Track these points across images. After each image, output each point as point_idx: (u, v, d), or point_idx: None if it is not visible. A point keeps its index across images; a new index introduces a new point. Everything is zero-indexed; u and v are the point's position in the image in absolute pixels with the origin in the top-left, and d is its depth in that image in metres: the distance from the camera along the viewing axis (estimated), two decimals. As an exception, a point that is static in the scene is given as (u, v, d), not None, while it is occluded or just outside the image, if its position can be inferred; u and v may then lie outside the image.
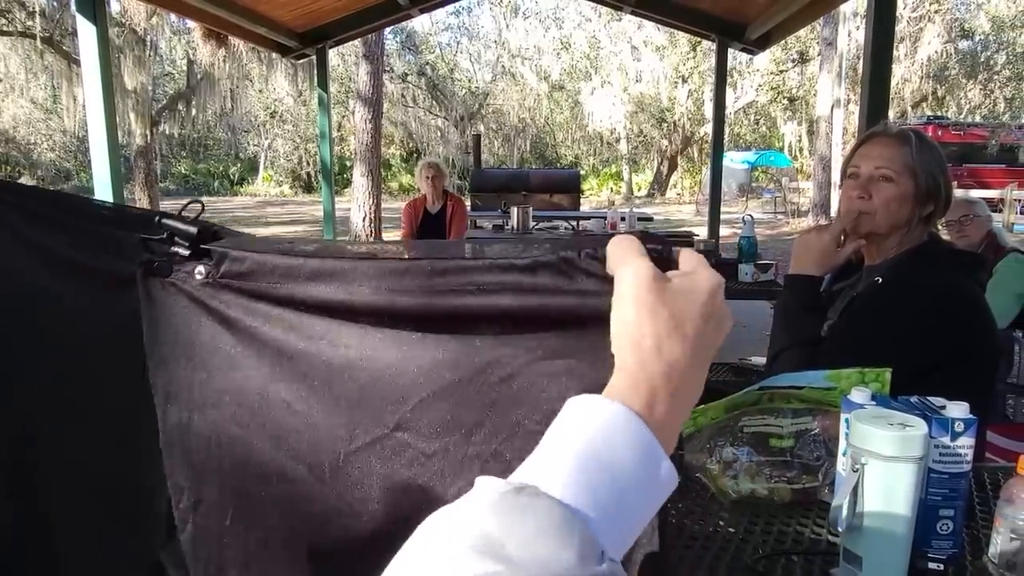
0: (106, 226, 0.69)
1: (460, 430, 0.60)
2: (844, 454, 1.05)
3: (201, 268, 0.66)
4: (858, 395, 1.05)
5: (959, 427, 0.98)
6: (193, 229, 0.66)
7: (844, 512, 0.93)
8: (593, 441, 0.42)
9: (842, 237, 1.63)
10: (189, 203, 0.68)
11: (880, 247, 1.61)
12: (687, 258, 0.53)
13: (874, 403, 1.03)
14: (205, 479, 0.67)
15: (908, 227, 1.56)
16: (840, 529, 0.94)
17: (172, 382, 0.67)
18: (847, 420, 1.02)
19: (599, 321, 0.51)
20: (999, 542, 0.98)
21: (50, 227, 0.69)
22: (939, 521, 1.00)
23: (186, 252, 0.66)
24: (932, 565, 0.99)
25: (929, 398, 1.06)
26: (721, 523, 1.13)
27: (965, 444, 0.99)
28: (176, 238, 0.66)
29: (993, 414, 2.61)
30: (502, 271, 0.58)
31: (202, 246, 0.66)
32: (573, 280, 0.55)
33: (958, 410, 1.00)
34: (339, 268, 0.62)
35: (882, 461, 0.89)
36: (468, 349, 0.59)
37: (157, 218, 0.66)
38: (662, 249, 0.52)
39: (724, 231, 8.12)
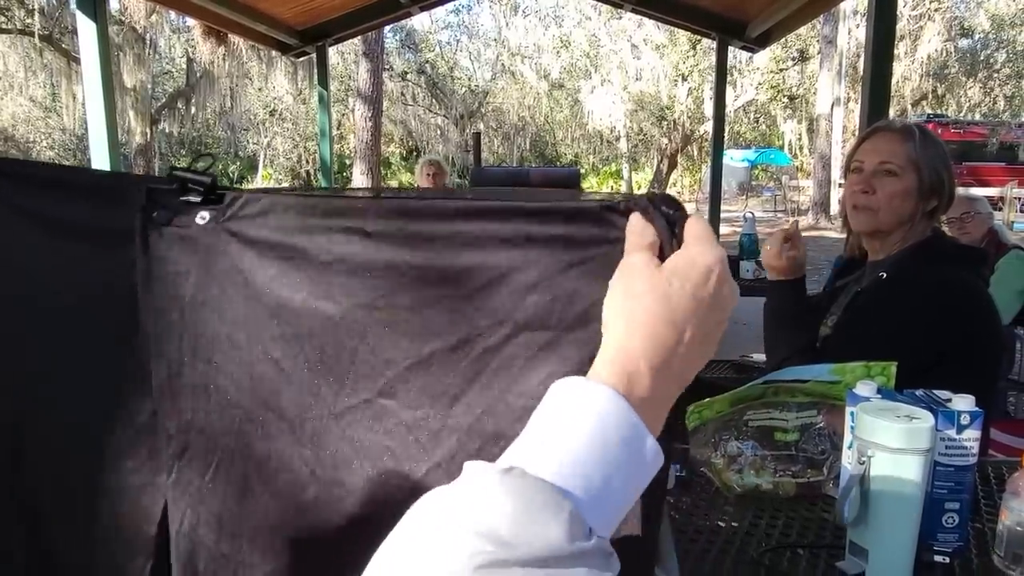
0: (110, 182, 0.69)
1: (442, 401, 0.58)
2: (850, 447, 1.04)
3: (205, 213, 0.64)
4: (864, 388, 1.05)
5: (965, 420, 0.98)
6: (207, 178, 0.64)
7: (850, 504, 0.93)
8: (577, 422, 0.44)
9: (785, 242, 1.67)
10: (201, 155, 0.67)
11: (884, 243, 1.61)
12: (691, 229, 0.52)
13: (879, 396, 1.03)
14: (191, 429, 0.66)
15: (912, 222, 1.56)
16: (846, 521, 0.94)
17: (164, 331, 0.66)
18: (852, 413, 1.02)
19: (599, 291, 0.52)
20: (1005, 535, 0.98)
21: (46, 190, 0.68)
22: (945, 514, 1.00)
23: (198, 199, 0.64)
24: (938, 558, 0.99)
25: (935, 391, 1.06)
26: (726, 517, 1.13)
27: (971, 437, 0.98)
28: (189, 185, 0.64)
29: (994, 411, 2.61)
30: (540, 218, 0.56)
31: (217, 191, 0.64)
32: (607, 233, 0.55)
33: (964, 403, 1.00)
34: (359, 204, 0.60)
35: (889, 453, 0.89)
36: (461, 314, 0.58)
37: (169, 170, 0.65)
38: (673, 214, 0.52)
39: (724, 229, 8.13)
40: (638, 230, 0.52)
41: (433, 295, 0.58)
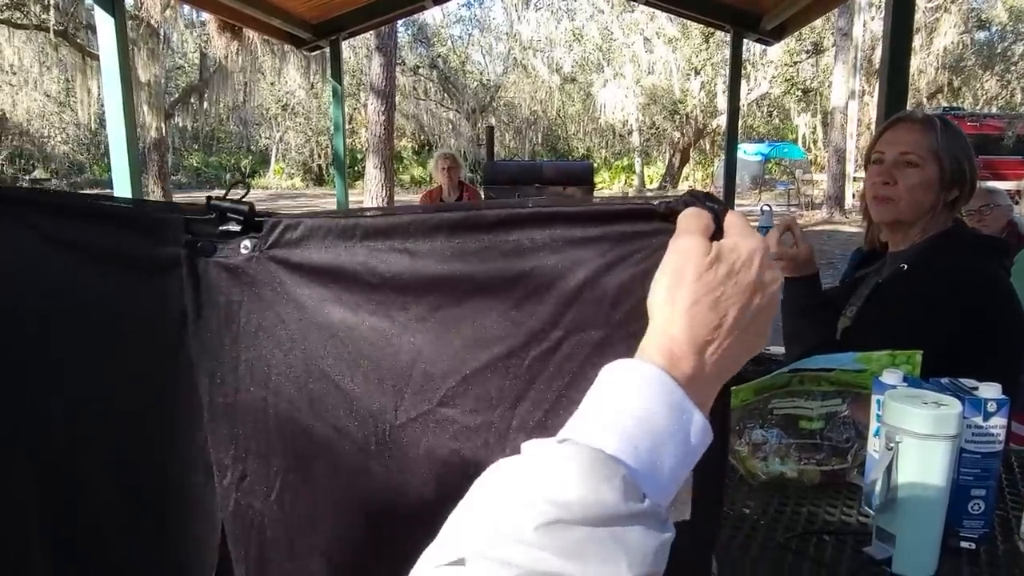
0: (146, 212, 0.68)
1: (504, 404, 0.60)
2: (876, 435, 1.05)
3: (247, 242, 0.65)
4: (890, 376, 1.05)
5: (992, 407, 0.99)
6: (244, 206, 0.65)
7: (878, 490, 0.93)
8: (626, 399, 0.46)
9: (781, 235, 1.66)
10: (234, 184, 0.67)
11: (905, 234, 1.60)
12: (731, 221, 0.54)
13: (906, 384, 1.03)
14: (249, 455, 0.67)
15: (933, 213, 1.55)
16: (874, 507, 0.95)
17: (216, 361, 0.66)
18: (879, 401, 1.03)
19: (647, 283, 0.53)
20: (1031, 522, 0.98)
21: (84, 222, 0.68)
22: (971, 501, 1.00)
23: (237, 228, 0.65)
24: (964, 544, 1.00)
25: (961, 380, 1.06)
26: (751, 504, 1.14)
27: (997, 424, 0.99)
28: (228, 214, 0.65)
29: (1016, 402, 2.59)
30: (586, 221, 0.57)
31: (256, 218, 0.65)
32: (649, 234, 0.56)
33: (991, 391, 1.00)
34: (397, 223, 0.61)
35: (917, 439, 0.90)
36: (512, 321, 0.59)
37: (207, 200, 0.66)
38: (718, 208, 0.54)
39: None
40: (692, 214, 0.54)
41: (483, 305, 0.59)
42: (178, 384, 0.67)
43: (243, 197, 0.66)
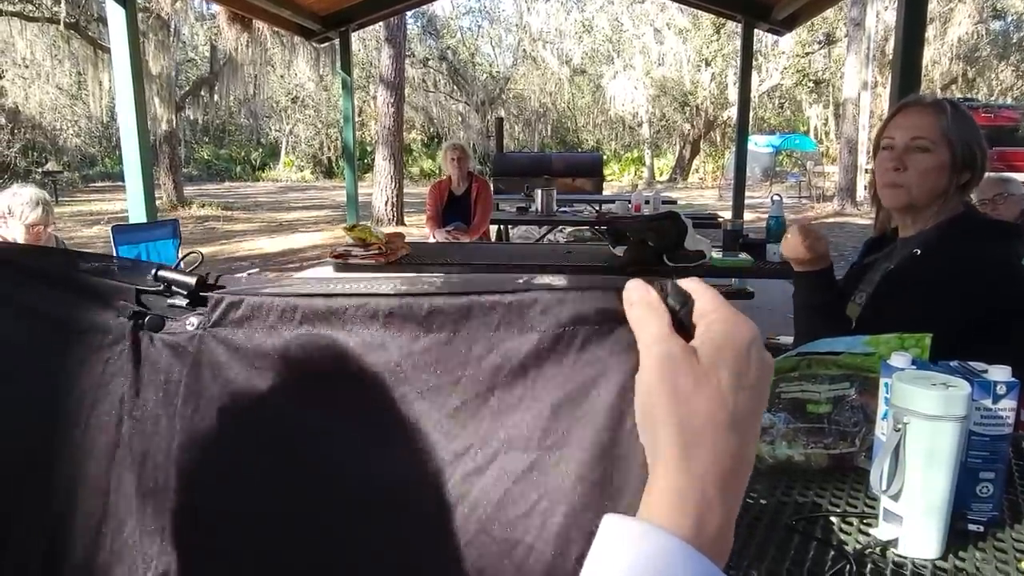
0: (99, 279, 0.65)
1: (425, 528, 0.54)
2: (884, 418, 1.05)
3: (194, 319, 0.62)
4: (898, 360, 1.05)
5: (1001, 390, 0.98)
6: (191, 279, 0.62)
7: (885, 471, 0.93)
8: None
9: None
10: (187, 255, 0.65)
11: (916, 218, 1.59)
12: (706, 300, 0.42)
13: (914, 367, 1.03)
14: (176, 549, 0.63)
15: (945, 197, 1.54)
16: (881, 489, 0.95)
17: (149, 444, 0.63)
18: (887, 384, 1.02)
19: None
20: (1041, 505, 0.98)
21: (42, 285, 0.65)
22: (979, 484, 1.00)
23: (183, 303, 0.62)
24: (972, 527, 0.99)
25: (970, 363, 1.06)
26: (758, 487, 1.14)
27: (1007, 407, 0.98)
28: (174, 287, 0.62)
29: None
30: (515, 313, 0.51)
31: (201, 293, 0.62)
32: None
33: (1000, 373, 0.99)
34: (336, 307, 0.57)
35: (925, 420, 0.90)
36: (446, 431, 0.54)
37: (153, 271, 0.63)
38: (680, 309, 0.43)
39: (748, 216, 8.06)
40: (642, 304, 0.43)
41: (416, 412, 0.54)
42: (111, 461, 0.64)
43: (196, 267, 0.64)
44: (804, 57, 21.94)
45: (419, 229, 10.07)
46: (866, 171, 15.51)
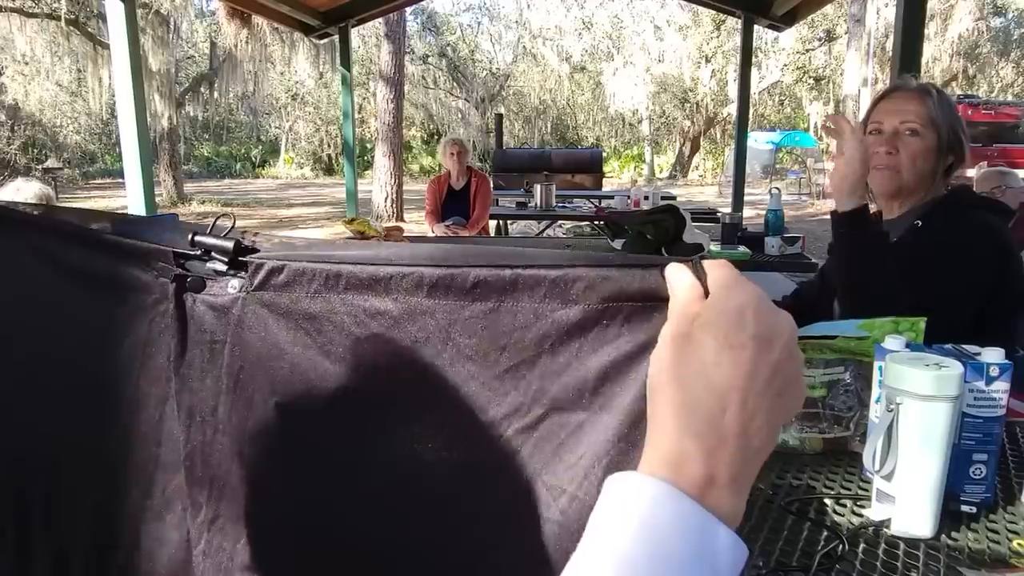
0: (140, 244, 0.67)
1: (478, 480, 0.57)
2: (877, 401, 1.06)
3: (235, 282, 0.64)
4: (892, 343, 1.05)
5: (994, 371, 0.99)
6: (228, 244, 0.64)
7: (878, 452, 0.94)
8: (633, 528, 0.38)
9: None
10: (219, 217, 0.65)
11: (903, 201, 1.64)
12: (714, 275, 0.45)
13: (908, 350, 1.03)
14: (223, 498, 0.66)
15: (933, 179, 1.59)
16: (874, 469, 0.95)
17: (197, 400, 0.66)
18: (880, 367, 1.03)
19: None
20: (1033, 485, 0.98)
21: (80, 246, 0.68)
22: (972, 465, 1.00)
23: (223, 267, 0.64)
24: (965, 508, 1.00)
25: (963, 345, 1.07)
26: (752, 470, 1.15)
27: (1000, 388, 0.99)
28: (213, 252, 0.64)
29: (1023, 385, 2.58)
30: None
31: (240, 258, 0.64)
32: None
33: (993, 355, 1.00)
34: (380, 275, 0.59)
35: (918, 400, 0.90)
36: (494, 393, 0.56)
37: (190, 236, 0.64)
38: (695, 268, 0.47)
39: (748, 212, 8.06)
40: (678, 288, 0.46)
41: (466, 373, 0.57)
42: (161, 415, 0.67)
43: (230, 230, 0.65)
44: (804, 54, 21.93)
45: (419, 226, 10.07)
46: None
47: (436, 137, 25.26)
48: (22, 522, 0.70)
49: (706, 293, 0.45)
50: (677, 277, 0.46)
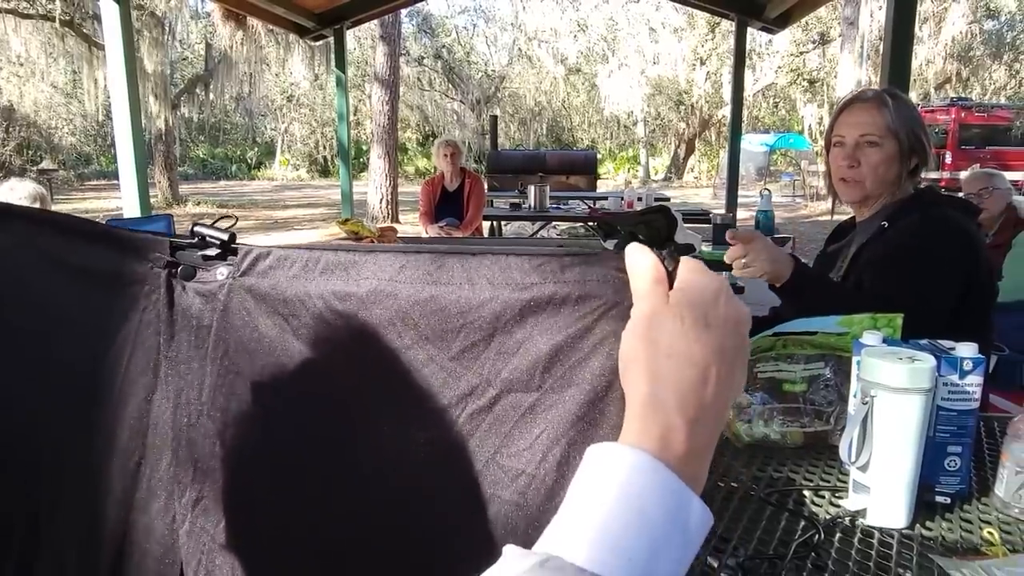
0: (134, 234, 0.69)
1: (438, 461, 0.59)
2: (855, 395, 1.08)
3: (224, 269, 0.67)
4: (870, 338, 1.08)
5: (967, 365, 1.01)
6: (224, 234, 0.67)
7: (854, 444, 0.96)
8: (614, 497, 0.40)
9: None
10: (221, 217, 0.69)
11: (872, 204, 1.70)
12: (683, 266, 0.49)
13: (885, 345, 1.06)
14: (207, 479, 0.68)
15: (897, 183, 1.65)
16: (850, 461, 0.98)
17: (183, 382, 0.68)
18: (858, 362, 1.05)
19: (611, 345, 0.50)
20: (1005, 477, 1.01)
21: (74, 239, 0.70)
22: (947, 458, 1.03)
23: (214, 253, 0.67)
24: (940, 499, 1.02)
25: (938, 341, 1.09)
26: (735, 463, 1.17)
27: (973, 382, 1.01)
28: (208, 239, 0.67)
29: (1008, 383, 2.62)
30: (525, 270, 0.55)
31: (233, 246, 0.67)
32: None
33: (967, 349, 1.02)
34: (352, 260, 0.62)
35: (891, 393, 0.93)
36: (450, 374, 0.58)
37: (190, 227, 0.68)
38: (672, 270, 0.49)
39: (742, 214, 8.09)
40: (641, 268, 0.48)
41: (425, 355, 0.59)
42: (149, 402, 0.69)
43: (231, 227, 0.68)
44: (798, 56, 22.02)
45: (413, 227, 10.08)
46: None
47: (431, 139, 25.24)
48: (16, 513, 0.71)
49: (672, 279, 0.48)
50: (639, 259, 0.49)
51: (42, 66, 17.82)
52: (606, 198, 7.10)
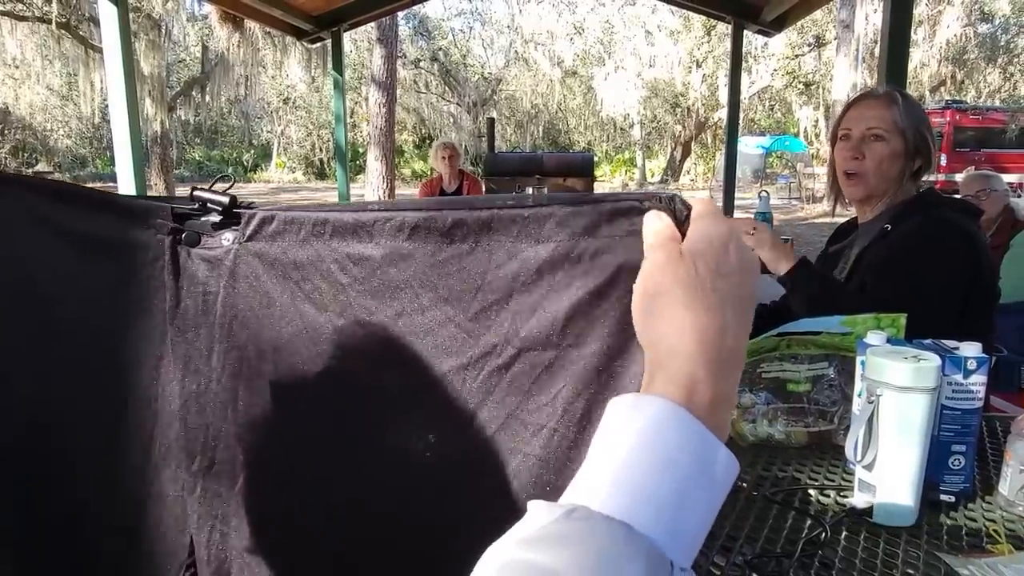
0: (136, 201, 0.70)
1: (458, 418, 0.60)
2: (859, 395, 1.08)
3: (228, 235, 0.66)
4: (874, 338, 1.08)
5: (972, 365, 1.02)
6: (225, 198, 0.66)
7: (860, 442, 0.97)
8: (640, 446, 0.39)
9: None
10: (219, 178, 0.68)
11: (874, 205, 1.70)
12: (696, 212, 0.49)
13: (889, 345, 1.06)
14: (218, 444, 0.68)
15: (900, 183, 1.64)
16: (856, 460, 0.98)
17: (191, 350, 0.68)
18: (863, 362, 1.06)
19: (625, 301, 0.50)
20: (1009, 475, 1.02)
21: (76, 207, 0.69)
22: (951, 456, 1.03)
23: (217, 219, 0.66)
24: (944, 497, 1.03)
25: (942, 341, 1.10)
26: (740, 463, 1.17)
27: (977, 382, 1.02)
28: (209, 205, 0.67)
29: (1007, 384, 2.63)
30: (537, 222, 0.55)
31: (235, 210, 0.66)
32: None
33: (971, 349, 1.03)
34: (364, 220, 0.61)
35: (897, 392, 0.93)
36: (469, 334, 0.58)
37: (190, 191, 0.67)
38: (679, 206, 0.50)
39: (738, 216, 8.12)
40: (654, 227, 0.49)
41: (442, 315, 0.59)
42: (157, 369, 0.69)
43: (227, 189, 0.67)
44: (794, 59, 22.08)
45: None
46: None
47: (428, 141, 25.23)
48: (31, 483, 0.72)
49: (683, 227, 0.48)
50: (654, 220, 0.49)
51: (38, 68, 17.78)
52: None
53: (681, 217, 0.49)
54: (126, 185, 4.66)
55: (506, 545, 0.36)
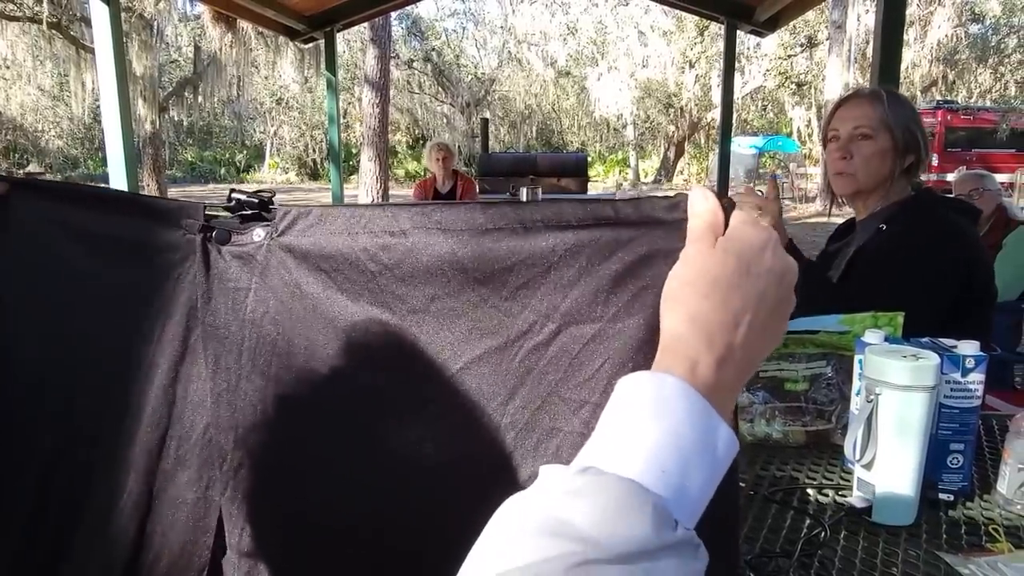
0: (166, 201, 0.69)
1: (496, 398, 0.59)
2: (857, 393, 1.08)
3: (260, 231, 0.66)
4: (872, 336, 1.08)
5: (970, 363, 1.02)
6: (266, 195, 0.66)
7: (859, 441, 0.97)
8: (646, 414, 0.42)
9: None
10: (259, 192, 0.68)
11: (867, 203, 1.70)
12: (736, 215, 0.51)
13: (887, 343, 1.06)
14: (250, 442, 0.67)
15: (891, 180, 1.64)
16: (855, 459, 0.98)
17: (222, 346, 0.67)
18: (860, 361, 1.06)
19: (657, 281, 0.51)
20: (1007, 474, 1.02)
21: (102, 210, 0.69)
22: (950, 455, 1.03)
23: (250, 212, 0.66)
24: (943, 496, 1.03)
25: (940, 339, 1.10)
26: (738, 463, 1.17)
27: (975, 380, 1.02)
28: (245, 203, 0.66)
29: (1001, 383, 2.64)
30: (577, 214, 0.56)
31: (270, 206, 0.66)
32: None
33: (969, 347, 1.03)
34: (398, 214, 0.61)
35: (896, 390, 0.93)
36: (506, 313, 0.58)
37: (230, 191, 0.67)
38: (724, 203, 0.51)
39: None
40: (699, 210, 0.51)
41: (477, 297, 0.59)
42: (177, 371, 0.68)
43: (270, 199, 0.68)
44: (786, 59, 22.14)
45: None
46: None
47: (421, 142, 25.20)
48: (52, 483, 0.71)
49: (726, 225, 0.50)
50: (700, 200, 0.51)
51: (29, 69, 17.69)
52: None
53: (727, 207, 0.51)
54: (118, 186, 4.63)
55: (520, 497, 0.40)
